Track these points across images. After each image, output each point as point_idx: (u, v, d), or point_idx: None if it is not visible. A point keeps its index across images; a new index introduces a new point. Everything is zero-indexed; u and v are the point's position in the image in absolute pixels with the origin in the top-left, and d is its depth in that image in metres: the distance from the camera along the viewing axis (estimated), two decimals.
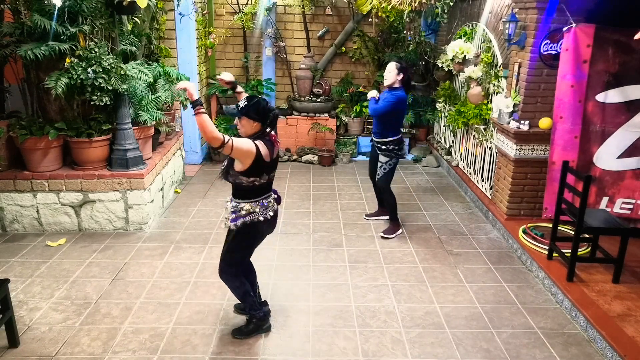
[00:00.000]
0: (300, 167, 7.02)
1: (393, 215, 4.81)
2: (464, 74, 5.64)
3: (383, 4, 6.41)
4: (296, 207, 5.43)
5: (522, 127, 4.52)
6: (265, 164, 2.84)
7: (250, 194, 2.91)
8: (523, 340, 3.23)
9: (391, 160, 4.64)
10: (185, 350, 3.06)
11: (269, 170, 2.92)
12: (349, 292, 3.75)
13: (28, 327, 3.23)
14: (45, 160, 4.44)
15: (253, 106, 2.79)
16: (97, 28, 4.30)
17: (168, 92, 4.99)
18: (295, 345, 3.13)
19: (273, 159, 2.92)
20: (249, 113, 2.79)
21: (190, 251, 4.33)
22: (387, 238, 4.70)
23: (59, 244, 4.39)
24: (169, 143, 5.64)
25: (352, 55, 7.65)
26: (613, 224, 3.76)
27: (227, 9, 7.34)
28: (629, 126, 4.27)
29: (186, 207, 5.36)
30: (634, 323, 3.23)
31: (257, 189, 2.91)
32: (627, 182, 4.40)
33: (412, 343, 3.17)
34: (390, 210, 4.82)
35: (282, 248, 4.44)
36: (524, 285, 3.91)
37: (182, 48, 6.33)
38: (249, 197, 2.91)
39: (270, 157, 2.87)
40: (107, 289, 3.71)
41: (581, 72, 4.20)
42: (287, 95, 7.80)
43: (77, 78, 4.07)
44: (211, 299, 3.59)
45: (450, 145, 6.91)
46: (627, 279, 3.77)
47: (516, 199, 4.77)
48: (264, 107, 2.81)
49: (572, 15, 4.16)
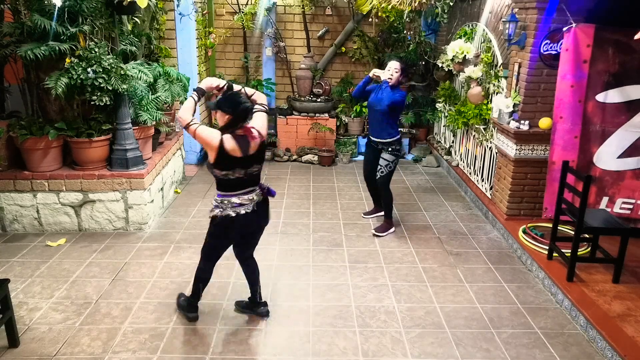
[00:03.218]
0: (300, 167, 7.02)
1: (388, 213, 4.81)
2: (464, 74, 5.63)
3: (383, 4, 6.41)
4: (296, 207, 5.43)
5: (522, 127, 4.52)
6: (234, 158, 2.85)
7: (225, 187, 2.96)
8: (523, 340, 3.23)
9: (396, 159, 4.67)
10: (185, 350, 3.06)
11: (243, 165, 2.90)
12: (349, 292, 3.75)
13: (28, 327, 3.23)
14: (45, 160, 4.44)
15: (224, 99, 2.87)
16: (97, 28, 4.30)
17: (168, 92, 5.00)
18: (295, 345, 3.13)
19: (250, 154, 2.90)
20: (221, 106, 2.86)
21: (190, 251, 4.33)
22: (378, 236, 4.72)
23: (59, 244, 4.39)
24: (169, 143, 5.64)
25: (352, 55, 7.66)
26: (613, 224, 3.76)
27: (227, 9, 7.35)
28: (629, 126, 4.27)
29: (186, 207, 5.36)
30: (634, 323, 3.23)
31: (232, 183, 2.93)
32: (627, 182, 4.40)
33: (412, 343, 3.17)
34: (386, 209, 4.82)
35: (282, 248, 4.44)
36: (524, 285, 3.91)
37: (182, 48, 6.33)
38: (224, 190, 2.96)
39: (242, 152, 2.85)
40: (107, 289, 3.71)
41: (581, 72, 4.20)
42: (287, 95, 7.80)
43: (77, 78, 4.07)
44: (211, 299, 3.59)
45: (450, 145, 6.91)
46: (627, 279, 3.77)
47: (516, 199, 4.77)
48: (234, 100, 2.84)
49: (572, 15, 4.16)
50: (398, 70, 4.47)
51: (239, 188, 2.96)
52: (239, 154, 2.85)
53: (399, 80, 4.51)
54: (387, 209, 4.81)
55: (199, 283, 3.27)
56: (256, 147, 2.93)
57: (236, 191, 2.96)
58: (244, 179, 2.95)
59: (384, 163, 4.63)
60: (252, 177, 2.99)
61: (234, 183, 2.93)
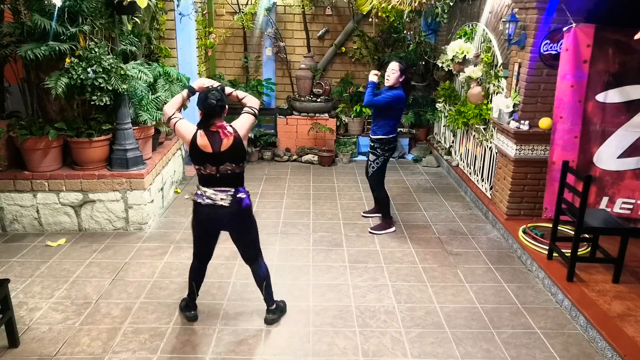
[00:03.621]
0: (300, 167, 7.02)
1: (385, 212, 4.82)
2: (464, 74, 5.63)
3: (383, 4, 6.41)
4: (296, 207, 5.43)
5: (522, 127, 4.52)
6: (205, 154, 2.90)
7: (199, 180, 3.04)
8: (523, 340, 3.23)
9: (378, 159, 4.67)
10: (185, 350, 3.06)
11: (214, 162, 2.93)
12: (349, 292, 3.75)
13: (28, 327, 3.23)
14: (45, 160, 4.44)
15: (199, 97, 2.96)
16: (97, 28, 4.30)
17: (168, 92, 4.99)
18: (295, 345, 3.13)
19: (222, 151, 2.91)
20: (197, 103, 2.95)
21: (190, 251, 4.27)
22: (374, 234, 4.75)
23: (59, 244, 4.39)
24: (169, 143, 5.65)
25: (352, 55, 7.65)
26: (613, 224, 3.75)
27: (227, 9, 7.34)
28: (629, 126, 4.27)
29: (186, 207, 5.36)
30: (634, 323, 3.23)
31: (204, 178, 3.00)
32: (627, 182, 4.40)
33: (412, 343, 3.17)
34: (382, 208, 4.83)
35: (282, 248, 4.44)
36: (524, 285, 3.91)
37: (182, 48, 6.32)
38: (200, 183, 3.04)
39: (213, 148, 2.90)
40: (107, 289, 3.71)
41: (581, 72, 4.20)
42: (287, 95, 7.80)
43: (77, 78, 4.07)
44: (211, 299, 3.59)
45: (450, 145, 6.91)
46: (627, 279, 3.77)
47: (516, 199, 4.77)
48: (204, 97, 2.90)
49: (572, 15, 4.16)
50: (395, 71, 4.47)
51: (212, 184, 3.00)
52: (210, 150, 2.91)
53: (399, 80, 4.50)
54: (383, 208, 4.83)
55: (191, 281, 3.33)
56: (229, 145, 2.92)
57: (209, 187, 3.00)
58: (216, 176, 2.97)
59: (372, 158, 4.71)
60: (226, 176, 2.98)
61: (207, 178, 3.00)
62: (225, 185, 3.00)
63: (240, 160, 3.02)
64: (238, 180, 3.05)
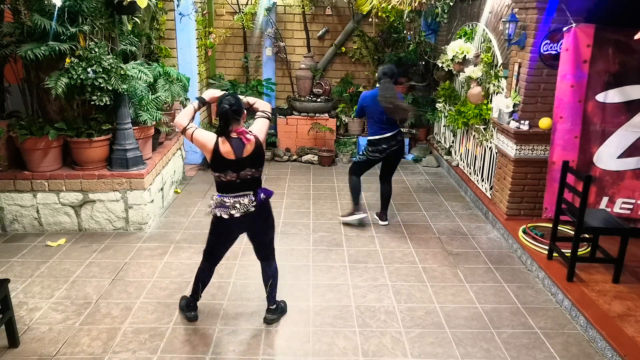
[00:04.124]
0: (300, 167, 7.02)
1: (353, 199, 4.96)
2: (464, 74, 5.63)
3: (383, 4, 6.42)
4: (296, 207, 5.43)
5: (522, 127, 4.52)
6: (227, 161, 2.89)
7: (218, 188, 3.04)
8: (523, 340, 3.23)
9: (361, 156, 4.93)
10: (185, 350, 3.06)
11: (235, 168, 2.92)
12: (349, 292, 3.75)
13: (28, 327, 3.23)
14: (45, 160, 4.44)
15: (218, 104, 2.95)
16: (97, 28, 4.30)
17: (168, 92, 5.00)
18: (295, 345, 3.13)
19: (244, 157, 2.92)
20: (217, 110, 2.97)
21: (190, 251, 4.33)
22: (341, 219, 4.99)
23: (59, 244, 4.39)
24: (169, 143, 5.65)
25: (352, 55, 7.66)
26: (613, 224, 3.76)
27: (227, 9, 7.35)
28: (629, 126, 4.27)
29: (186, 207, 5.36)
30: (634, 323, 3.23)
31: (225, 185, 2.98)
32: (627, 182, 4.40)
33: (412, 343, 3.17)
34: (351, 193, 4.98)
35: (282, 248, 4.44)
36: (524, 285, 3.91)
37: (182, 48, 6.33)
38: (218, 191, 3.03)
39: (236, 154, 2.89)
40: (107, 289, 3.71)
41: (581, 72, 4.20)
42: (287, 95, 7.80)
43: (77, 78, 4.07)
44: (211, 299, 3.59)
45: (450, 145, 6.91)
46: (627, 279, 3.77)
47: (516, 199, 4.77)
48: (219, 102, 2.91)
49: (572, 15, 4.16)
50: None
51: (231, 191, 2.99)
52: (233, 157, 2.89)
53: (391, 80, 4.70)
54: (352, 194, 4.97)
55: (198, 282, 3.30)
56: (251, 150, 2.94)
57: (228, 193, 2.99)
58: (236, 182, 2.97)
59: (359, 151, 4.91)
60: (245, 181, 2.99)
61: (226, 185, 2.98)
62: (245, 190, 3.01)
63: (260, 165, 3.04)
64: (256, 183, 3.07)
